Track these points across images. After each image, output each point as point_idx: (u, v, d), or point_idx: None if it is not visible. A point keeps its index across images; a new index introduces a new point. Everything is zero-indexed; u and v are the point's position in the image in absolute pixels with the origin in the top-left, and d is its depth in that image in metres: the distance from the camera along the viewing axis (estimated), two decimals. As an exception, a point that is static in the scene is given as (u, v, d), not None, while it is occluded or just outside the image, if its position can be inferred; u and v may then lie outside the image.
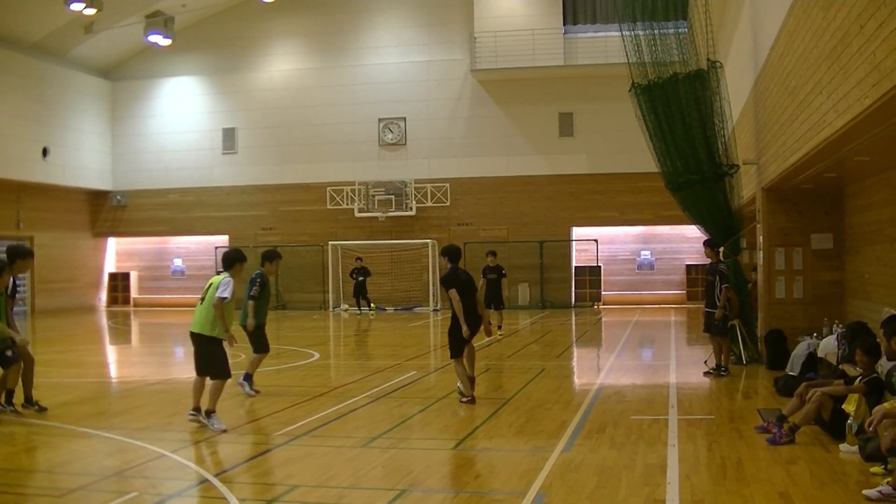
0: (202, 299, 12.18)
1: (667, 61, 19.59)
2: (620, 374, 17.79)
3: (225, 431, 11.71)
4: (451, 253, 14.09)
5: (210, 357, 12.21)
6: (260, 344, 14.94)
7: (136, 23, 40.02)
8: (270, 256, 15.16)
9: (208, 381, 12.27)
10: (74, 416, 12.99)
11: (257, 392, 14.80)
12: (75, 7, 35.27)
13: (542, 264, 38.95)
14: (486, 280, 25.16)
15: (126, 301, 43.76)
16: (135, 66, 43.94)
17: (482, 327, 14.00)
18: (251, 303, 14.64)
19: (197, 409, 12.22)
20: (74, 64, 41.53)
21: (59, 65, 40.59)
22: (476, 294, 14.19)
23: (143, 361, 22.71)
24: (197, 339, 12.26)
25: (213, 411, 12.04)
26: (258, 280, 14.77)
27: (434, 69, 40.69)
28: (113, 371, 20.82)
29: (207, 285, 12.25)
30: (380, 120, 40.90)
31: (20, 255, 13.39)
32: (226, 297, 11.94)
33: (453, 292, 13.54)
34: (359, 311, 36.61)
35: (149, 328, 33.72)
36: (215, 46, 42.95)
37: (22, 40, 37.94)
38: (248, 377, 14.73)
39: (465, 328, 13.55)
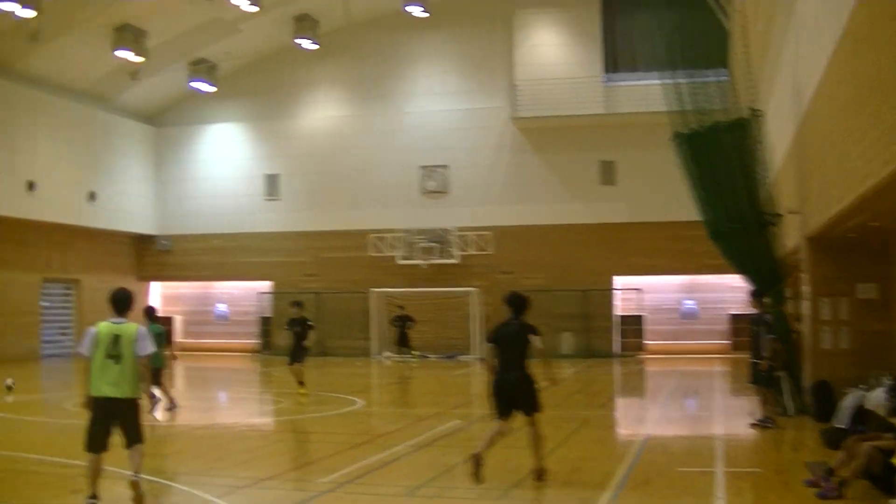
0: (112, 356, 10.00)
1: (708, 109, 19.64)
2: (665, 424, 17.69)
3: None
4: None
5: (137, 420, 10.26)
6: None
7: (180, 70, 40.68)
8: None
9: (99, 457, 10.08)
10: (118, 459, 13.03)
11: None
12: (122, 54, 35.93)
13: (584, 313, 38.73)
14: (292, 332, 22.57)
15: (169, 345, 43.83)
16: (179, 112, 44.49)
17: None
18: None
19: (96, 496, 9.91)
20: (120, 110, 42.16)
21: (106, 111, 41.21)
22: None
23: (186, 406, 22.75)
24: (122, 405, 10.10)
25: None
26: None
27: (475, 117, 40.84)
28: (157, 415, 20.92)
29: (110, 338, 10.05)
30: (422, 167, 41.07)
31: None
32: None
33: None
34: (401, 359, 36.62)
35: (192, 372, 33.86)
36: (258, 93, 43.39)
37: (70, 87, 38.58)
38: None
39: None
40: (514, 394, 11.46)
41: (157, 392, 18.40)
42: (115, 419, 10.11)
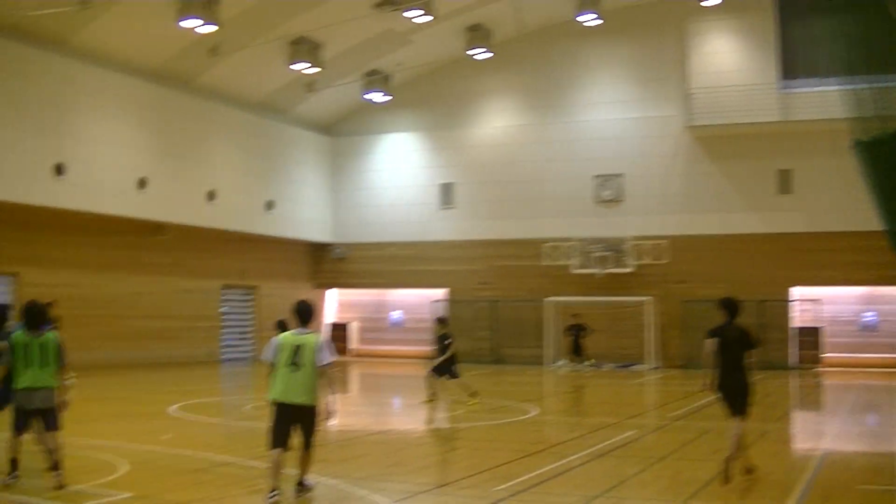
0: (293, 364, 10.74)
1: (891, 116, 19.11)
2: (845, 440, 17.29)
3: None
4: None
5: (313, 426, 11.02)
6: None
7: (354, 81, 41.62)
8: None
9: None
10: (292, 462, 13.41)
11: None
12: (298, 67, 37.12)
13: (760, 324, 37.88)
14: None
15: (344, 351, 44.60)
16: (353, 122, 45.43)
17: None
18: None
19: (277, 489, 10.53)
20: (296, 121, 43.39)
21: (282, 122, 42.48)
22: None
23: (362, 411, 23.24)
24: (300, 411, 10.84)
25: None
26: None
27: (649, 125, 40.51)
28: (333, 419, 21.44)
29: (293, 347, 10.80)
30: (596, 176, 40.96)
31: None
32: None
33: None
34: (575, 368, 36.61)
35: (368, 378, 34.54)
36: (431, 103, 44.00)
37: (248, 99, 39.90)
38: None
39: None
40: (732, 395, 12.16)
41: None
42: (294, 423, 10.83)
